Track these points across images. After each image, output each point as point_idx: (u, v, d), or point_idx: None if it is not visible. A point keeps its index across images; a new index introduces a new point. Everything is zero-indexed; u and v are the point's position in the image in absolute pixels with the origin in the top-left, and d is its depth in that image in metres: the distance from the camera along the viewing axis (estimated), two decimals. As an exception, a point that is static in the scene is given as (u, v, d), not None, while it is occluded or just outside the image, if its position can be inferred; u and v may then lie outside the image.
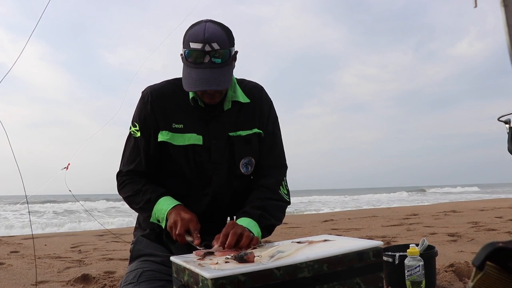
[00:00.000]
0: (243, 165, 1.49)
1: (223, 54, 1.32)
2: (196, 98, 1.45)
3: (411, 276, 1.76)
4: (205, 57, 1.31)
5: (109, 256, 3.79)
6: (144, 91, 1.50)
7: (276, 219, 1.46)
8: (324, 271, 1.05)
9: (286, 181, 1.57)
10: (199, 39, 1.30)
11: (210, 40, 1.30)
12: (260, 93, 1.57)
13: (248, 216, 1.39)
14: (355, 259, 1.10)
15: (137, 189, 1.45)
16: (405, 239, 4.11)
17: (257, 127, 1.52)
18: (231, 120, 1.48)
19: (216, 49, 1.31)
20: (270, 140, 1.56)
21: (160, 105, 1.46)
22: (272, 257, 1.03)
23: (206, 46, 1.30)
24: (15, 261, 3.64)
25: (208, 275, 0.93)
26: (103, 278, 2.83)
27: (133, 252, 1.48)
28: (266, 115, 1.56)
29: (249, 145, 1.49)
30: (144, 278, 1.31)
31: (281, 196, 1.51)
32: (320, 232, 5.23)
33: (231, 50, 1.36)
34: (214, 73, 1.31)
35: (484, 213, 6.96)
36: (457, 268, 2.42)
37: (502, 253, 0.52)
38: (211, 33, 1.31)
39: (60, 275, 3.04)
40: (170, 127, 1.44)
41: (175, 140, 1.44)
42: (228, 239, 1.20)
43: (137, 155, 1.49)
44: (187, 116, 1.46)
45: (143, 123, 1.47)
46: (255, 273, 0.96)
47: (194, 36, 1.32)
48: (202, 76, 1.31)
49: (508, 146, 1.88)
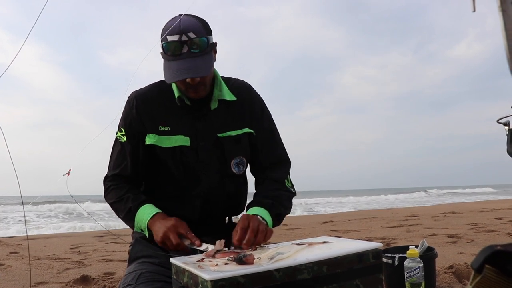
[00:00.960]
0: (235, 165, 1.49)
1: (201, 43, 1.34)
2: (182, 97, 1.45)
3: (411, 277, 1.77)
4: (183, 47, 1.32)
5: (108, 257, 3.79)
6: (130, 96, 1.51)
7: (285, 208, 1.48)
8: (323, 273, 1.05)
9: (290, 176, 1.58)
10: (175, 31, 1.32)
11: (186, 30, 1.32)
12: (249, 91, 1.57)
13: (260, 205, 1.41)
14: (355, 260, 1.11)
15: (120, 196, 1.46)
16: (405, 241, 4.11)
17: (247, 126, 1.51)
18: (219, 119, 1.48)
19: (192, 38, 1.32)
20: (269, 138, 1.57)
21: (146, 109, 1.46)
22: (271, 259, 1.03)
23: (183, 36, 1.32)
24: (14, 262, 3.63)
25: (207, 276, 0.93)
26: (103, 279, 2.83)
27: (131, 254, 1.48)
28: (259, 113, 1.56)
29: (239, 145, 1.49)
30: (143, 280, 1.31)
31: (288, 188, 1.53)
32: (320, 233, 5.23)
33: (209, 38, 1.37)
34: (193, 62, 1.33)
35: (483, 214, 6.97)
36: (457, 270, 2.42)
37: (500, 256, 0.52)
38: (186, 24, 1.33)
39: (59, 276, 3.04)
40: (157, 130, 1.44)
41: (162, 142, 1.44)
42: (247, 235, 1.24)
43: (123, 160, 1.49)
44: (173, 118, 1.45)
45: (129, 128, 1.47)
46: (254, 275, 0.96)
47: (169, 29, 1.34)
48: (182, 66, 1.32)
49: (508, 148, 1.88)
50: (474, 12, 0.53)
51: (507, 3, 0.50)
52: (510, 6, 0.50)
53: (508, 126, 1.89)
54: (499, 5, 0.50)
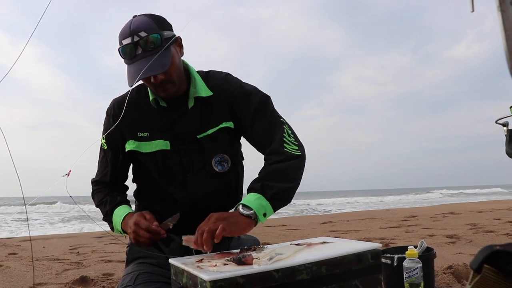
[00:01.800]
0: (216, 163, 1.45)
1: (154, 40, 1.30)
2: (157, 98, 1.43)
3: (410, 278, 1.77)
4: (137, 49, 1.31)
5: (107, 258, 3.78)
6: (109, 106, 1.51)
7: (285, 182, 1.32)
8: (322, 273, 1.05)
9: (289, 134, 1.41)
10: (126, 33, 1.32)
11: (136, 31, 1.30)
12: (226, 83, 1.46)
13: (251, 192, 1.32)
14: (354, 261, 1.11)
15: (100, 200, 1.50)
16: (404, 241, 4.11)
17: (224, 120, 1.44)
18: (197, 119, 1.43)
19: (143, 36, 1.30)
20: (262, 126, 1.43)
21: (123, 116, 1.42)
22: (270, 259, 1.03)
23: (134, 37, 1.30)
24: (13, 263, 3.63)
25: (206, 277, 0.93)
26: (102, 280, 2.82)
27: (129, 255, 1.48)
28: (241, 98, 1.44)
29: (216, 142, 1.43)
30: (141, 281, 1.30)
31: (288, 153, 1.36)
32: (319, 234, 5.23)
33: (162, 34, 1.32)
34: (148, 60, 1.29)
35: (482, 214, 6.97)
36: (456, 270, 2.42)
37: (499, 256, 0.52)
38: (136, 24, 1.31)
39: (58, 277, 3.03)
40: (136, 136, 1.44)
41: (142, 148, 1.43)
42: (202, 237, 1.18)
43: (105, 167, 1.52)
44: (151, 122, 1.44)
45: (109, 136, 1.47)
46: (253, 275, 0.96)
47: (122, 32, 1.33)
48: (139, 68, 1.29)
49: (506, 148, 1.89)
50: (473, 12, 0.53)
51: (506, 3, 0.50)
52: (509, 6, 0.50)
53: (506, 126, 1.89)
54: (498, 5, 0.50)
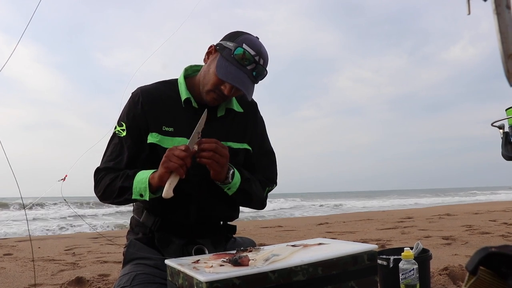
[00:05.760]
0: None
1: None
2: (190, 99, 1.44)
3: (406, 279, 1.77)
4: (251, 65, 1.37)
5: (103, 259, 3.77)
6: (135, 92, 1.48)
7: (258, 192, 1.51)
8: (318, 275, 1.05)
9: (268, 193, 1.61)
10: (255, 48, 1.37)
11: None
12: (255, 110, 1.63)
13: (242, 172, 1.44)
14: (350, 262, 1.11)
15: (115, 176, 1.39)
16: (400, 243, 4.12)
17: (247, 142, 1.54)
18: (223, 128, 1.48)
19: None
20: (268, 157, 1.63)
21: (151, 107, 1.44)
22: (266, 260, 1.03)
23: (259, 58, 1.38)
24: (8, 263, 3.61)
25: (203, 278, 0.93)
26: (97, 281, 2.81)
27: (126, 256, 1.47)
28: (261, 134, 1.62)
29: (237, 159, 1.49)
30: (138, 282, 1.30)
31: (264, 193, 1.57)
32: (315, 235, 5.23)
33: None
34: (249, 81, 1.38)
35: (478, 216, 7.01)
36: (451, 271, 2.43)
37: (495, 258, 0.52)
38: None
39: (54, 277, 3.02)
40: (160, 129, 1.42)
41: (164, 143, 1.41)
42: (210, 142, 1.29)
43: (120, 154, 1.44)
44: (178, 119, 1.44)
45: (132, 122, 1.44)
46: (249, 277, 0.96)
47: (251, 43, 1.38)
48: (240, 76, 1.36)
49: (502, 151, 1.89)
50: (469, 14, 0.54)
51: (502, 6, 0.50)
52: (505, 9, 0.50)
53: (502, 129, 1.90)
54: (494, 8, 0.50)
